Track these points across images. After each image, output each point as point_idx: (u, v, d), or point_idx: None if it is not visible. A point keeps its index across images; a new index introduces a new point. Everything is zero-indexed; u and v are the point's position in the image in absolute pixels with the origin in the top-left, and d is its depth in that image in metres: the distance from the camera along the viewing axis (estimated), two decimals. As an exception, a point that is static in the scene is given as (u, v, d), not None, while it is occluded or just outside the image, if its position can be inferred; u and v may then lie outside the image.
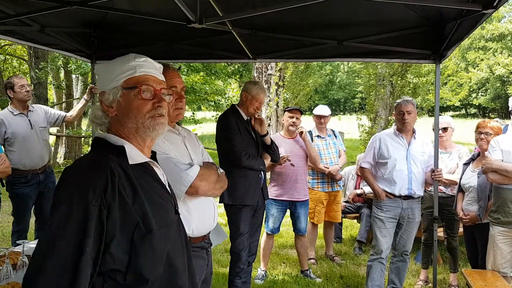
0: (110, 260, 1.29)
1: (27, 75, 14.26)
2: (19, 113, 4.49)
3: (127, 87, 1.47)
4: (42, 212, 4.69)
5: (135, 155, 1.44)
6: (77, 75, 14.60)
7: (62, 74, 14.94)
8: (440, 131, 4.36)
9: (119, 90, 1.47)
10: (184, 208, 2.12)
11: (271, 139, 3.93)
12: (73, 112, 4.94)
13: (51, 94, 16.58)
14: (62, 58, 12.48)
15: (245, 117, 3.79)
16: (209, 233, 2.36)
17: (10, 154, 4.35)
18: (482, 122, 4.12)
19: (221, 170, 2.44)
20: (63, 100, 14.99)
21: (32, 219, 4.78)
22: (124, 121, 1.47)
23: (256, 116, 3.80)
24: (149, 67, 1.52)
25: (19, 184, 4.42)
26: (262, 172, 3.79)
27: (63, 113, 4.98)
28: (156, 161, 1.58)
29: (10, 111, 4.48)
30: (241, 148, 3.62)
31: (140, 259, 1.32)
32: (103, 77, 1.52)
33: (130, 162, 1.40)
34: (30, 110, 4.58)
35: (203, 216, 2.26)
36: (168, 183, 1.60)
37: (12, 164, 4.24)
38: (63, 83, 14.79)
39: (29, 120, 4.52)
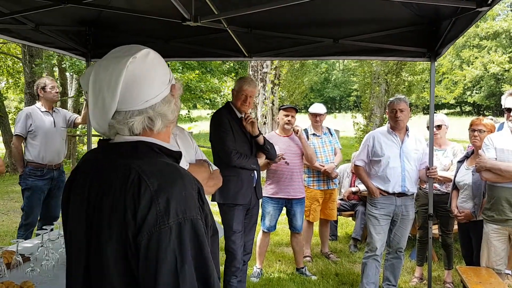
0: None
1: (21, 74, 14.16)
2: (45, 111, 4.87)
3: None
4: (48, 210, 4.87)
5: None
6: (71, 73, 14.53)
7: (56, 73, 14.85)
8: (434, 129, 4.39)
9: (181, 85, 1.29)
10: None
11: (265, 138, 3.88)
12: (81, 116, 5.26)
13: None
14: (56, 56, 12.41)
15: (239, 115, 3.76)
16: None
17: (31, 147, 4.71)
18: (476, 120, 4.14)
19: (214, 168, 2.42)
20: (58, 98, 14.91)
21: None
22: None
23: (247, 117, 3.73)
24: None
25: (34, 176, 4.68)
26: (255, 171, 3.77)
27: (75, 115, 5.35)
28: None
29: (38, 108, 4.87)
30: (232, 147, 3.60)
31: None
32: (162, 70, 1.24)
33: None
34: (54, 111, 4.97)
35: None
36: None
37: (32, 157, 4.67)
38: (58, 81, 14.71)
39: (53, 118, 4.89)
